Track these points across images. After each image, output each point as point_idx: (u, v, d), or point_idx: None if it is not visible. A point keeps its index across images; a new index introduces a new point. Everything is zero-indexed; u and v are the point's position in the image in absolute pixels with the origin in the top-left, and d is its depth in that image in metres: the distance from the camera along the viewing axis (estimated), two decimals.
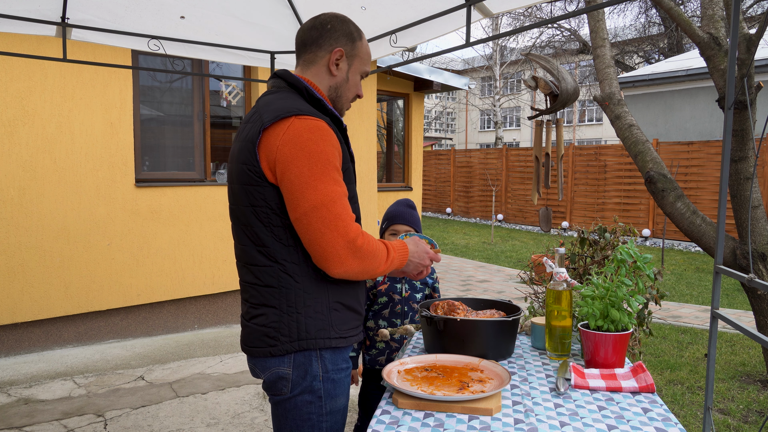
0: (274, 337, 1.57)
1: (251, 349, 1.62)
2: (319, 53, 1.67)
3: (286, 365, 1.59)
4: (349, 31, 1.69)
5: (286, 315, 1.57)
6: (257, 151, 1.51)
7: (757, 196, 3.80)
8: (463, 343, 1.92)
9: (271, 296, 1.57)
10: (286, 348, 1.57)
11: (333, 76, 1.69)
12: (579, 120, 35.08)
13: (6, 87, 4.61)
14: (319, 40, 1.66)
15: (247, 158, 1.53)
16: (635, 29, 21.86)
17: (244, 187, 1.55)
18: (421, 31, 3.25)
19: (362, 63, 1.73)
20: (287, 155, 1.47)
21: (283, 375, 1.60)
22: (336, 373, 1.65)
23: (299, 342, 1.57)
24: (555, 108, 2.83)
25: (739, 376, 4.42)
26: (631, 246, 1.87)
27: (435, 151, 18.41)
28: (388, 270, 1.65)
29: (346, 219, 1.50)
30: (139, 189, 5.29)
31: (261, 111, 1.55)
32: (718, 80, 3.79)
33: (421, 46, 53.17)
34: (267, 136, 1.50)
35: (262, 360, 1.61)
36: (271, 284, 1.57)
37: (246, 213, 1.57)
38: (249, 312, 1.63)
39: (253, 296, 1.61)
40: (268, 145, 1.50)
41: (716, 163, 10.98)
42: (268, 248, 1.56)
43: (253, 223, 1.56)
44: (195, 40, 3.75)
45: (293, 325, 1.57)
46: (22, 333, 4.83)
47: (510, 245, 11.99)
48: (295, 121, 1.49)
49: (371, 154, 7.18)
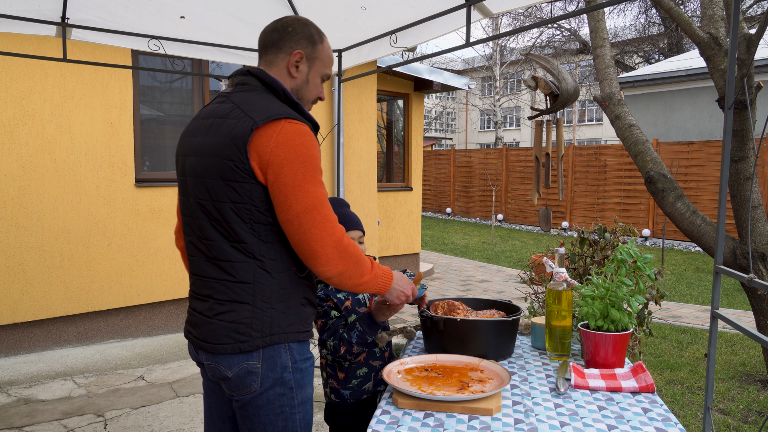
0: (245, 333, 1.57)
1: (216, 346, 1.59)
2: (279, 55, 1.69)
3: (255, 359, 1.58)
4: (310, 33, 1.71)
5: (259, 311, 1.57)
6: (247, 149, 1.51)
7: (757, 196, 3.80)
8: (463, 343, 1.92)
9: (245, 292, 1.57)
10: (257, 343, 1.57)
11: (293, 78, 1.71)
12: (579, 120, 35.08)
13: (6, 87, 4.61)
14: (280, 42, 1.68)
15: (233, 155, 1.53)
16: (635, 29, 21.86)
17: (227, 183, 1.55)
18: (421, 31, 3.26)
19: (323, 65, 1.75)
20: (282, 158, 1.50)
21: (253, 369, 1.59)
22: (303, 362, 1.66)
23: (271, 337, 1.58)
24: (555, 108, 2.83)
25: (739, 376, 4.42)
26: (631, 246, 1.87)
27: (435, 151, 18.41)
28: (371, 285, 1.65)
29: (333, 220, 1.55)
30: (139, 189, 5.29)
31: (246, 109, 1.56)
32: (718, 80, 3.79)
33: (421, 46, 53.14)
34: (259, 136, 1.51)
35: (227, 357, 1.59)
36: (245, 280, 1.57)
37: (223, 209, 1.56)
38: (213, 308, 1.61)
39: (221, 292, 1.59)
40: (260, 145, 1.51)
41: (716, 163, 10.98)
42: (246, 244, 1.56)
43: (231, 219, 1.56)
44: (195, 40, 3.75)
45: (266, 321, 1.58)
46: (22, 333, 4.83)
47: (510, 245, 11.99)
48: (285, 125, 1.52)
49: (371, 154, 7.18)
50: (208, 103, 1.76)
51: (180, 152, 1.73)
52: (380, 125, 8.52)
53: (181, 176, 1.71)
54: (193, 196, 1.63)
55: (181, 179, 1.71)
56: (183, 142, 1.72)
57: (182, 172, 1.69)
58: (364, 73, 3.92)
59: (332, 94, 6.50)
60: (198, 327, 1.65)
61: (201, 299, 1.65)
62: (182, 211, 1.72)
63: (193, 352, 1.76)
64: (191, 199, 1.64)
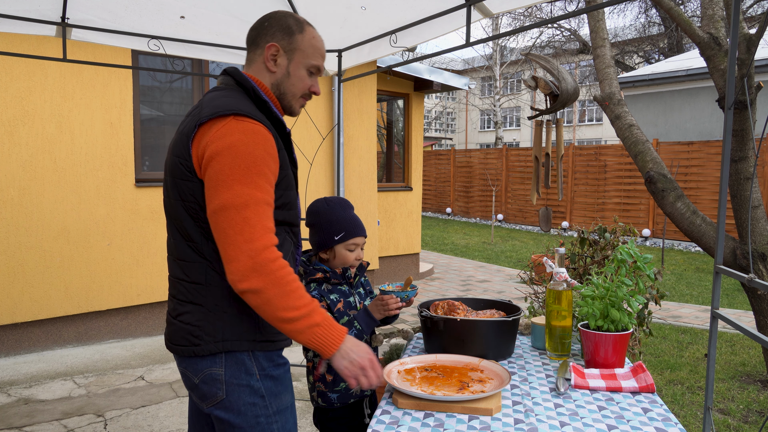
0: (198, 336, 1.51)
1: (176, 347, 1.56)
2: (257, 51, 1.64)
3: (218, 365, 1.52)
4: (286, 24, 1.62)
5: (211, 314, 1.51)
6: (191, 146, 1.48)
7: (757, 196, 3.80)
8: (463, 343, 1.92)
9: (198, 293, 1.52)
10: (210, 348, 1.51)
11: (272, 72, 1.63)
12: (579, 120, 35.08)
13: (6, 87, 4.61)
14: (257, 38, 1.64)
15: (181, 151, 1.50)
16: (635, 29, 21.86)
17: (176, 180, 1.51)
18: (421, 31, 3.26)
19: (305, 56, 1.64)
20: (213, 151, 1.43)
21: (216, 376, 1.52)
22: (274, 369, 1.58)
23: (224, 343, 1.51)
24: (555, 108, 2.83)
25: (739, 376, 4.42)
26: (631, 246, 1.87)
27: (435, 151, 18.41)
28: (302, 329, 1.41)
29: (257, 227, 1.39)
30: (139, 189, 5.29)
31: (202, 106, 1.53)
32: (718, 80, 3.79)
33: (421, 46, 53.19)
34: (201, 132, 1.47)
35: (191, 362, 1.53)
36: (198, 281, 1.52)
37: (176, 206, 1.53)
38: (176, 308, 1.56)
39: (181, 292, 1.55)
40: (200, 140, 1.46)
41: (716, 163, 10.98)
42: (196, 243, 1.52)
43: (183, 216, 1.52)
44: (195, 40, 3.75)
45: (218, 325, 1.51)
46: (22, 333, 4.83)
47: (510, 245, 11.99)
48: (231, 121, 1.45)
49: (371, 154, 7.18)
50: None
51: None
52: (380, 125, 8.52)
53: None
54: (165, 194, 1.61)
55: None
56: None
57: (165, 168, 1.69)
58: (364, 73, 3.92)
59: (332, 94, 6.50)
60: (167, 327, 1.61)
61: (170, 299, 1.62)
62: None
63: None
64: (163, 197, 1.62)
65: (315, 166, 6.46)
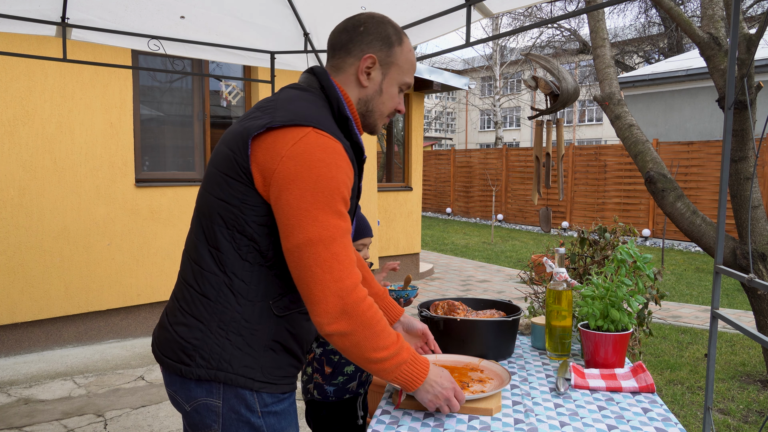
0: (190, 355, 1.32)
1: (163, 357, 1.37)
2: (348, 60, 1.43)
3: (215, 397, 1.33)
4: (386, 34, 1.43)
5: (212, 336, 1.32)
6: (250, 145, 1.28)
7: (757, 196, 3.80)
8: (463, 343, 1.92)
9: (204, 309, 1.33)
10: (200, 373, 1.31)
11: (363, 87, 1.44)
12: (579, 120, 35.08)
13: (6, 87, 4.61)
14: (349, 44, 1.42)
15: (238, 147, 1.29)
16: (635, 29, 21.87)
17: (221, 175, 1.31)
18: (421, 31, 3.25)
19: (401, 72, 1.46)
20: (290, 171, 1.23)
21: (213, 408, 1.33)
22: (277, 404, 1.38)
23: (216, 372, 1.32)
24: (555, 108, 2.83)
25: (739, 376, 4.42)
26: (631, 246, 1.87)
27: (435, 151, 18.41)
28: (390, 368, 1.31)
29: (344, 261, 1.25)
30: (139, 189, 5.29)
31: (278, 104, 1.33)
32: (718, 80, 3.79)
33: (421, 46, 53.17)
34: (272, 138, 1.26)
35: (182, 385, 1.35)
36: (208, 295, 1.32)
37: (211, 203, 1.33)
38: (175, 315, 1.37)
39: (186, 300, 1.36)
40: (269, 148, 1.26)
41: (716, 163, 10.99)
42: (221, 253, 1.32)
43: (215, 217, 1.32)
44: (195, 40, 3.75)
45: (216, 350, 1.31)
46: (22, 333, 4.83)
47: (510, 245, 11.99)
48: (311, 134, 1.25)
49: (371, 154, 7.18)
50: None
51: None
52: None
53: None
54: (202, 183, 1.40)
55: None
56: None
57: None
58: None
59: None
60: (158, 329, 1.43)
61: (172, 298, 1.42)
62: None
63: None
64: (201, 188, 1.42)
65: None
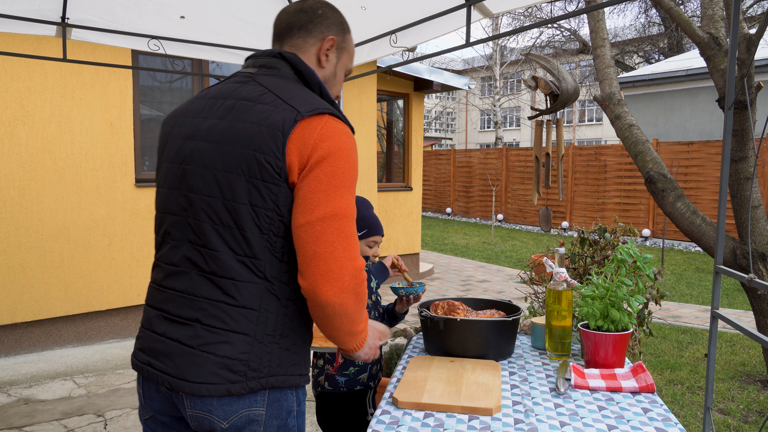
0: (239, 371, 1.25)
1: (199, 386, 1.24)
2: (309, 40, 1.43)
3: (259, 405, 1.28)
4: (342, 20, 1.48)
5: (259, 344, 1.27)
6: (287, 143, 1.23)
7: (757, 196, 3.80)
8: (463, 343, 1.92)
9: (246, 320, 1.26)
10: (251, 385, 1.26)
11: (321, 68, 1.46)
12: (579, 120, 35.08)
13: (6, 87, 4.61)
14: (309, 25, 1.43)
15: (266, 147, 1.24)
16: (635, 29, 21.87)
17: (250, 180, 1.24)
18: (421, 31, 3.25)
19: (350, 59, 1.52)
20: (325, 150, 1.24)
21: (255, 418, 1.28)
22: (304, 405, 1.41)
23: (269, 378, 1.28)
24: (555, 108, 2.83)
25: (739, 376, 4.42)
26: (631, 246, 1.87)
27: (435, 151, 18.41)
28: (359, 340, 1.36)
29: (357, 242, 1.28)
30: (139, 189, 5.29)
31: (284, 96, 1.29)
32: (718, 80, 3.79)
33: (421, 46, 53.18)
34: (302, 128, 1.24)
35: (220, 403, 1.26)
36: (250, 305, 1.27)
37: (238, 211, 1.25)
38: (201, 336, 1.26)
39: (214, 317, 1.26)
40: (302, 138, 1.24)
41: (716, 163, 10.99)
42: (258, 260, 1.27)
43: (246, 226, 1.26)
44: (195, 40, 3.75)
45: (266, 358, 1.27)
46: (22, 333, 4.83)
47: (510, 245, 11.99)
48: (330, 120, 1.27)
49: (371, 154, 7.18)
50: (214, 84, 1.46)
51: (174, 134, 1.38)
52: (380, 125, 8.52)
53: (172, 163, 1.36)
54: (195, 190, 1.30)
55: (171, 166, 1.36)
56: (181, 122, 1.39)
57: (176, 158, 1.35)
58: (364, 73, 3.93)
59: None
60: (172, 358, 1.28)
61: (181, 323, 1.30)
62: (167, 207, 1.36)
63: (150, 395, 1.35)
64: (190, 194, 1.31)
65: None
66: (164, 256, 1.36)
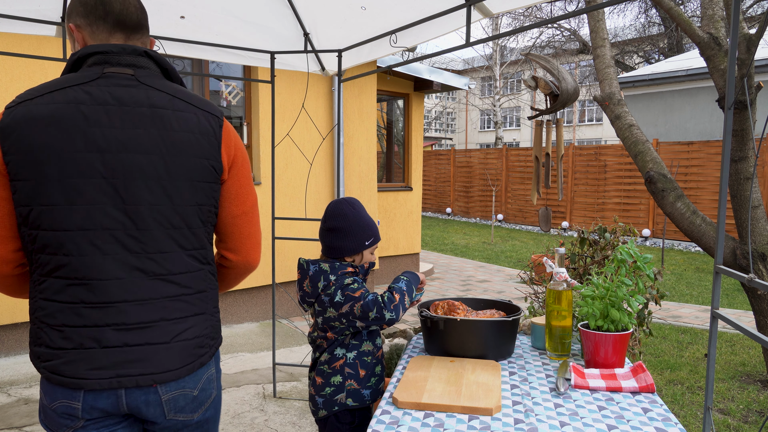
0: (205, 345, 1.45)
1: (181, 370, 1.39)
2: (143, 38, 1.47)
3: (213, 365, 1.50)
4: None
5: (213, 317, 1.49)
6: (221, 146, 1.43)
7: (757, 196, 3.80)
8: (463, 343, 1.92)
9: (202, 302, 1.45)
10: (212, 352, 1.48)
11: None
12: (579, 120, 35.09)
13: (6, 87, 4.61)
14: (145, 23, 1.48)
15: (208, 153, 1.40)
16: (635, 29, 21.88)
17: (196, 184, 1.38)
18: (421, 31, 3.25)
19: None
20: (241, 148, 1.49)
21: (211, 376, 1.49)
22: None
23: (217, 341, 1.52)
24: (555, 108, 2.83)
25: (739, 376, 4.42)
26: (631, 246, 1.87)
27: (435, 151, 18.41)
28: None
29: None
30: None
31: (192, 101, 1.41)
32: (718, 80, 3.79)
33: (421, 46, 53.22)
34: (225, 132, 1.45)
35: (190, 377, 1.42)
36: (202, 288, 1.45)
37: (188, 213, 1.39)
38: (170, 330, 1.37)
39: (178, 309, 1.39)
40: (227, 140, 1.45)
41: (716, 163, 10.99)
42: (204, 250, 1.46)
43: (194, 224, 1.41)
44: (195, 40, 3.75)
45: (217, 326, 1.50)
46: (22, 333, 4.83)
47: (510, 245, 11.99)
48: (227, 121, 1.49)
49: (371, 154, 7.18)
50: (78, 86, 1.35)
51: (77, 147, 1.28)
52: (380, 125, 8.52)
53: (89, 178, 1.29)
54: (140, 202, 1.32)
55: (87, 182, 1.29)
56: (77, 133, 1.28)
57: (96, 173, 1.29)
58: (364, 73, 3.93)
59: (332, 94, 6.50)
60: (148, 359, 1.34)
61: (143, 327, 1.34)
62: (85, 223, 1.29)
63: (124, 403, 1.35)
64: (130, 206, 1.32)
65: (315, 166, 6.46)
66: (93, 272, 1.30)
